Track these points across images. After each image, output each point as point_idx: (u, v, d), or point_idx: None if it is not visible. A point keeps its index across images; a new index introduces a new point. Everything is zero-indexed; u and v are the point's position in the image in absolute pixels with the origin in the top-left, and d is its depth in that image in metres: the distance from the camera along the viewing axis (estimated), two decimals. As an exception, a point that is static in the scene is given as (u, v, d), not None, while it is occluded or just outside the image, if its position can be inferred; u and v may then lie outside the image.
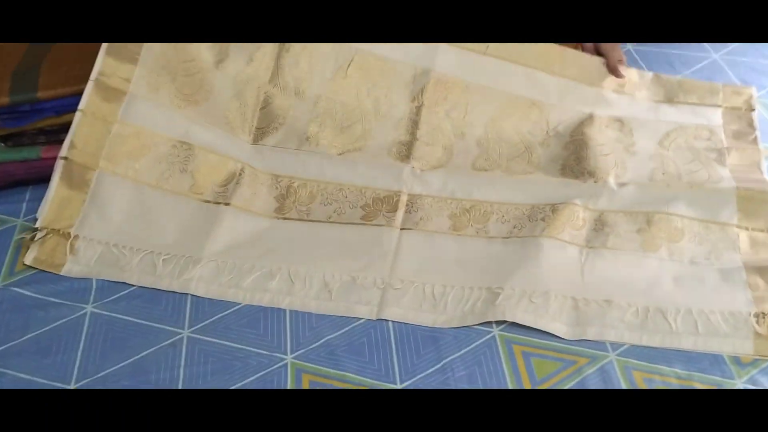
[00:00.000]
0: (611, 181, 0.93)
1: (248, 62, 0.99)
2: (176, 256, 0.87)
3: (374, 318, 0.81)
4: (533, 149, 0.97)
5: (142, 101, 0.95)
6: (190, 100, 0.97)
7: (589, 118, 0.98)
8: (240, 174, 0.95)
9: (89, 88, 0.92)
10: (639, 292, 0.82)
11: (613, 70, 1.02)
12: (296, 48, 0.99)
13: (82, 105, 0.91)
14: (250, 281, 0.85)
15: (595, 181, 0.93)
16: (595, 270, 0.84)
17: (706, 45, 1.21)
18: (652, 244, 0.86)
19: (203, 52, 0.98)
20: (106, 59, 0.93)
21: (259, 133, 0.99)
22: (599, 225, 0.89)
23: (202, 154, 0.95)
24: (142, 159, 0.93)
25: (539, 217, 0.89)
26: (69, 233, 0.88)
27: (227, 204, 0.92)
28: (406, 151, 0.97)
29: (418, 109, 0.98)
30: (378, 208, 0.92)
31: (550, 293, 0.81)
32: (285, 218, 0.93)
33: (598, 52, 1.04)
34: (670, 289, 0.82)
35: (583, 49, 1.04)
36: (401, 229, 0.91)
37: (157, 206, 0.92)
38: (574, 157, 0.95)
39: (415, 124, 0.98)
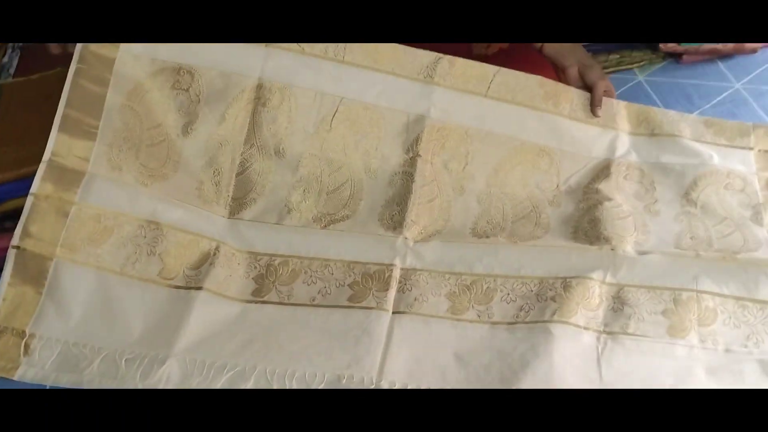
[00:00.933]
0: (630, 248, 0.82)
1: (220, 122, 0.89)
2: (141, 356, 0.77)
3: (364, 430, 0.71)
4: (541, 209, 0.87)
5: (103, 180, 0.85)
6: (157, 174, 0.88)
7: (606, 168, 0.88)
8: (214, 254, 0.85)
9: (41, 171, 0.82)
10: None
11: (595, 104, 0.90)
12: (274, 101, 0.89)
13: (34, 188, 0.82)
14: (222, 383, 0.75)
15: (612, 249, 0.82)
16: (613, 363, 0.74)
17: (727, 73, 1.10)
18: (680, 329, 0.76)
19: (169, 116, 0.88)
20: (60, 136, 0.84)
21: (236, 206, 0.89)
22: (618, 304, 0.78)
23: (172, 233, 0.86)
24: (104, 244, 0.84)
25: (549, 296, 0.79)
26: (24, 331, 0.79)
27: (199, 288, 0.82)
28: (399, 216, 0.87)
29: (413, 160, 0.89)
30: (368, 286, 0.83)
31: None
32: (263, 302, 0.83)
33: (584, 82, 0.93)
34: (702, 386, 0.71)
35: (567, 81, 0.94)
36: (393, 312, 0.80)
37: (122, 296, 0.82)
38: (587, 219, 0.85)
39: (410, 177, 0.88)
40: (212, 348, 0.78)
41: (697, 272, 0.79)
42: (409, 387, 0.74)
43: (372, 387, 0.74)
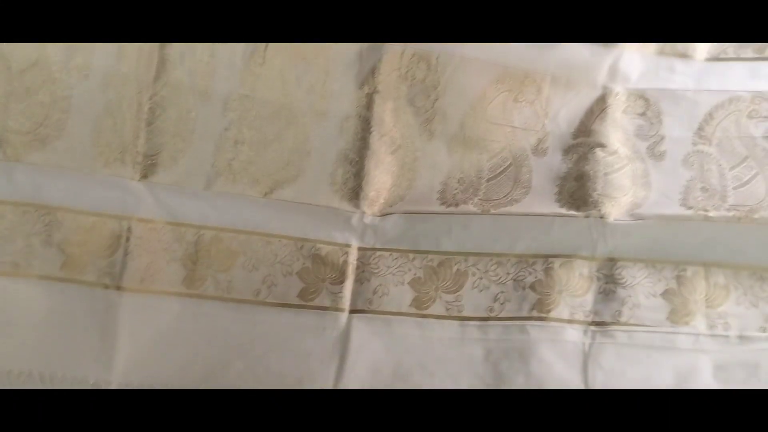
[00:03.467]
0: (624, 214, 0.68)
1: (119, 57, 0.69)
2: (70, 379, 0.67)
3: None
4: (523, 160, 0.71)
5: None
6: (36, 138, 0.69)
7: (601, 100, 0.71)
8: (127, 237, 0.69)
9: None
10: None
11: None
12: (188, 26, 0.69)
13: None
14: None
15: (601, 216, 0.68)
16: (602, 363, 0.64)
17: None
18: (683, 313, 0.64)
19: (48, 49, 0.69)
20: None
21: (149, 165, 0.71)
22: (611, 284, 0.66)
23: (69, 217, 0.69)
24: None
25: (527, 283, 0.67)
26: None
27: (119, 288, 0.68)
28: (354, 180, 0.71)
29: (369, 98, 0.71)
30: (320, 276, 0.69)
31: None
32: (199, 296, 0.69)
33: None
34: (708, 386, 0.61)
35: None
36: (350, 312, 0.68)
37: (21, 301, 0.68)
38: (575, 174, 0.70)
39: (366, 123, 0.71)
40: (152, 369, 0.67)
41: (705, 239, 0.66)
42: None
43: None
